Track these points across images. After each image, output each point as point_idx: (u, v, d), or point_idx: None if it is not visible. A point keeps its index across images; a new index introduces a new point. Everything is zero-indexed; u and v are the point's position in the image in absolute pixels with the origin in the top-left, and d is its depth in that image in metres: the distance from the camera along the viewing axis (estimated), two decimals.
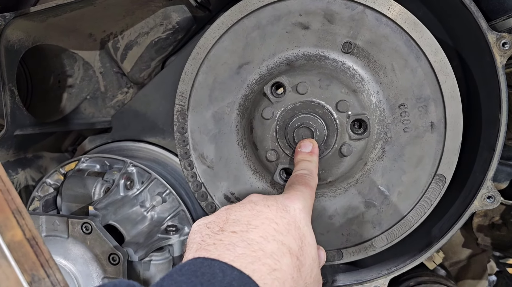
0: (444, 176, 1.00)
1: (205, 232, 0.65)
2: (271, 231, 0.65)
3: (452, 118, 0.98)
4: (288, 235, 0.66)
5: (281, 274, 0.61)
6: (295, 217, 0.70)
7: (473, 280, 1.56)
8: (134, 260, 1.17)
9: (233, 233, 0.63)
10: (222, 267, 0.56)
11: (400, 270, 1.06)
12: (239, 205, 0.71)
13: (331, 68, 1.01)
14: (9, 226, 0.67)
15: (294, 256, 0.65)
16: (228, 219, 0.67)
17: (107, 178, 1.31)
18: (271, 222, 0.67)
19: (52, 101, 1.54)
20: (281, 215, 0.69)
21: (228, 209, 0.71)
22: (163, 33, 1.35)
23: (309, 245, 0.70)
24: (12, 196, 0.70)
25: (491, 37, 0.94)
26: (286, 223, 0.68)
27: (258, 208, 0.69)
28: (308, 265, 0.68)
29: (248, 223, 0.66)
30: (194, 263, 0.57)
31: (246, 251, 0.60)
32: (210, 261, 0.57)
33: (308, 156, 0.92)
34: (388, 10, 0.97)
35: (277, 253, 0.62)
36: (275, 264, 0.61)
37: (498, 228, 1.39)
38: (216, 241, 0.62)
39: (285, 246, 0.64)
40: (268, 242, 0.63)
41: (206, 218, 0.70)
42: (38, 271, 0.67)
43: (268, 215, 0.68)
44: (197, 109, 1.11)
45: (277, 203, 0.71)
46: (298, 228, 0.69)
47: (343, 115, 0.98)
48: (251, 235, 0.63)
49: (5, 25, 1.17)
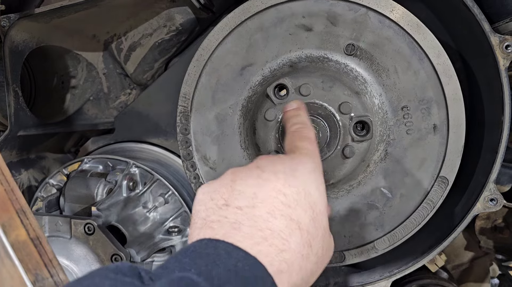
0: (446, 179, 1.00)
1: (209, 205, 0.62)
2: (279, 205, 0.61)
3: (454, 120, 0.98)
4: (298, 208, 0.62)
5: (289, 254, 0.58)
6: (305, 183, 0.65)
7: (476, 283, 1.55)
8: (137, 261, 1.18)
9: (238, 209, 0.60)
10: (228, 248, 0.54)
11: (403, 272, 1.05)
12: (245, 171, 0.66)
13: (334, 70, 1.01)
14: (13, 226, 0.67)
15: (305, 231, 0.61)
16: (233, 190, 0.63)
17: (110, 179, 1.31)
18: (279, 194, 0.62)
19: (55, 102, 1.55)
20: (290, 184, 0.63)
21: (234, 174, 0.66)
22: (167, 34, 1.35)
23: (321, 213, 0.65)
24: (17, 196, 0.70)
25: (494, 40, 0.94)
26: (296, 192, 0.63)
27: (264, 176, 0.64)
28: (320, 236, 0.64)
29: (254, 196, 0.61)
30: (199, 245, 0.55)
31: (252, 230, 0.57)
32: (215, 242, 0.55)
33: (296, 111, 0.85)
34: (391, 12, 0.97)
35: (285, 231, 0.59)
36: (283, 244, 0.58)
37: (501, 230, 1.39)
38: (220, 218, 0.59)
39: (293, 221, 0.60)
40: (276, 219, 0.59)
41: (210, 185, 0.66)
42: (42, 271, 0.67)
43: (276, 185, 0.63)
44: (200, 111, 1.11)
45: (284, 168, 0.66)
46: (309, 195, 0.64)
47: (346, 117, 0.98)
48: (257, 211, 0.59)
49: (9, 26, 1.18)
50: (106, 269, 0.50)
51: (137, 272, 0.51)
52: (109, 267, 0.51)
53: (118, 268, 0.50)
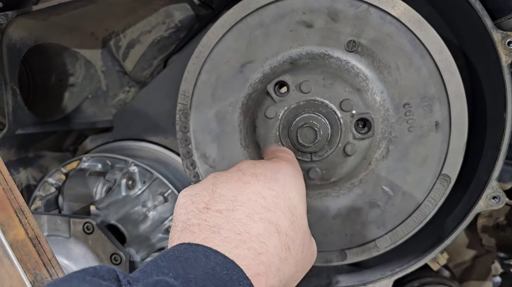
0: (449, 176, 0.99)
1: (190, 208, 0.62)
2: (258, 208, 0.62)
3: (457, 117, 0.97)
4: (277, 210, 0.63)
5: (267, 257, 0.58)
6: (284, 187, 0.67)
7: (478, 281, 1.55)
8: (136, 260, 1.17)
9: (218, 212, 0.60)
10: (206, 252, 0.55)
11: (404, 271, 1.05)
12: (226, 174, 0.68)
13: (335, 67, 1.00)
14: (11, 225, 0.67)
15: (283, 234, 0.62)
16: (214, 193, 0.64)
17: (109, 177, 1.30)
18: (258, 197, 0.63)
19: (53, 100, 1.54)
20: (269, 187, 0.65)
21: (215, 178, 0.67)
22: (166, 31, 1.35)
23: (300, 217, 0.66)
24: (15, 195, 0.70)
25: (496, 36, 0.93)
26: (275, 195, 0.64)
27: (245, 179, 0.65)
28: (299, 239, 0.65)
29: (234, 199, 0.62)
30: (178, 249, 0.56)
31: (231, 234, 0.58)
32: (195, 246, 0.56)
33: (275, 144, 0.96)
34: (392, 9, 0.96)
35: (263, 234, 0.59)
36: (260, 247, 0.58)
37: (503, 229, 1.38)
38: (200, 221, 0.60)
39: (272, 224, 0.61)
40: (255, 222, 0.60)
41: (191, 189, 0.67)
42: (41, 270, 0.66)
43: (255, 188, 0.64)
44: (200, 108, 1.10)
45: (265, 170, 0.68)
46: (288, 199, 0.66)
47: (347, 114, 0.97)
48: (237, 214, 0.60)
49: (7, 24, 1.17)
50: (84, 272, 0.51)
51: (115, 275, 0.51)
52: (87, 270, 0.51)
53: (96, 271, 0.51)
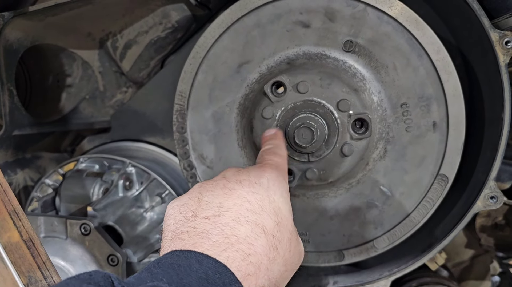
0: (446, 176, 0.99)
1: (178, 218, 0.64)
2: (244, 211, 0.64)
3: (454, 117, 0.97)
4: (262, 213, 0.65)
5: (255, 258, 0.60)
6: (268, 190, 0.69)
7: (476, 281, 1.55)
8: (133, 261, 1.16)
9: (206, 219, 0.63)
10: (198, 258, 0.56)
11: (402, 271, 1.04)
12: (212, 183, 0.70)
13: (332, 67, 1.00)
14: (5, 227, 0.66)
15: (270, 235, 0.64)
16: (201, 201, 0.66)
17: (106, 178, 1.30)
18: (244, 201, 0.65)
19: (51, 101, 1.53)
20: (253, 191, 0.67)
21: (201, 187, 0.69)
22: (163, 32, 1.34)
23: (285, 219, 0.69)
24: (9, 197, 0.69)
25: (494, 36, 0.92)
26: (260, 199, 0.66)
27: (230, 185, 0.68)
28: (286, 239, 0.67)
29: (220, 206, 0.64)
30: (171, 256, 0.57)
31: (220, 239, 0.60)
32: (187, 252, 0.57)
33: (272, 135, 0.93)
34: (389, 8, 0.96)
35: (250, 236, 0.62)
36: (248, 248, 0.60)
37: (501, 228, 1.38)
38: (189, 229, 0.62)
39: (258, 226, 0.63)
40: (241, 225, 0.62)
41: (179, 200, 0.69)
42: (35, 273, 0.66)
43: (240, 193, 0.66)
44: (197, 109, 1.10)
45: (249, 176, 0.70)
46: (273, 201, 0.68)
47: (344, 115, 0.97)
48: (224, 219, 0.62)
49: (3, 25, 1.16)
50: (79, 278, 0.51)
51: (110, 281, 0.52)
52: (82, 276, 0.52)
53: (92, 278, 0.52)
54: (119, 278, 0.53)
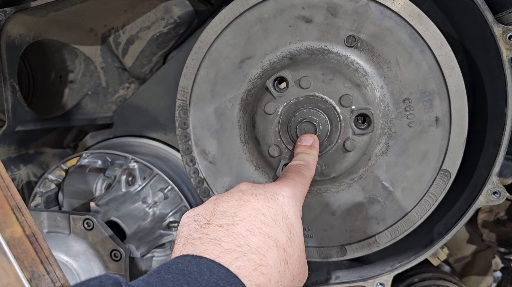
0: (449, 172, 0.99)
1: (192, 226, 0.65)
2: (257, 223, 0.64)
3: (457, 112, 0.97)
4: (275, 227, 0.65)
5: (267, 269, 0.60)
6: (283, 206, 0.69)
7: (478, 276, 1.55)
8: (136, 257, 1.17)
9: (219, 226, 0.63)
10: (209, 265, 0.56)
11: (404, 266, 1.05)
12: (227, 195, 0.70)
13: (335, 62, 1.00)
14: (8, 222, 0.66)
15: (281, 249, 0.64)
16: (215, 211, 0.66)
17: (109, 174, 1.30)
18: (258, 213, 0.66)
19: (53, 97, 1.54)
20: (268, 205, 0.68)
21: (217, 199, 0.70)
22: (165, 27, 1.34)
23: (297, 236, 0.69)
24: (12, 192, 0.69)
25: (497, 30, 0.92)
26: (274, 213, 0.67)
27: (245, 198, 0.68)
28: (296, 256, 0.67)
29: (234, 215, 0.65)
30: (182, 262, 0.57)
31: (232, 246, 0.60)
32: (198, 259, 0.57)
33: (307, 149, 0.92)
34: (392, 3, 0.95)
35: (263, 247, 0.62)
36: (260, 259, 0.60)
37: (504, 224, 1.38)
38: (202, 235, 0.62)
39: (271, 238, 0.63)
40: (254, 236, 0.62)
41: (194, 210, 0.69)
42: (38, 268, 0.66)
43: (255, 205, 0.67)
44: (199, 104, 1.10)
45: (265, 191, 0.70)
46: (286, 217, 0.68)
47: (347, 110, 0.97)
48: (237, 228, 0.62)
49: (5, 20, 1.16)
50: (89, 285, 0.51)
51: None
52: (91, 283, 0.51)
53: (102, 284, 0.51)
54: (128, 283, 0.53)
